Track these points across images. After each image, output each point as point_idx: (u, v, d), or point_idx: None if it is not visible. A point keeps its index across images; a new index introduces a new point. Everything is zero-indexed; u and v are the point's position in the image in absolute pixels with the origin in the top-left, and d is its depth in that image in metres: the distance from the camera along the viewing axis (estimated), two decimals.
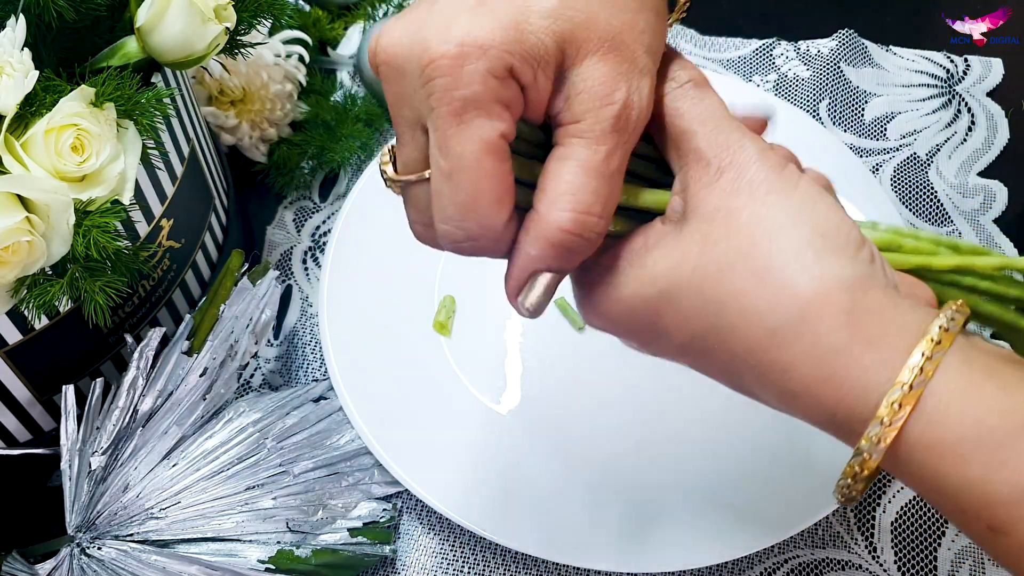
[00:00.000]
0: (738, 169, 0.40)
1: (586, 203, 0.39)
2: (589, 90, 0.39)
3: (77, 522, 0.58)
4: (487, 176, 0.39)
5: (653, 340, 0.43)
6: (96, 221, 0.50)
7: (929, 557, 0.65)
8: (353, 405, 0.67)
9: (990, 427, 0.35)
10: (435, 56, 0.37)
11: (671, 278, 0.40)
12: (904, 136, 0.85)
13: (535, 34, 0.38)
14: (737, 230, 0.39)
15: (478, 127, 0.38)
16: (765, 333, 0.38)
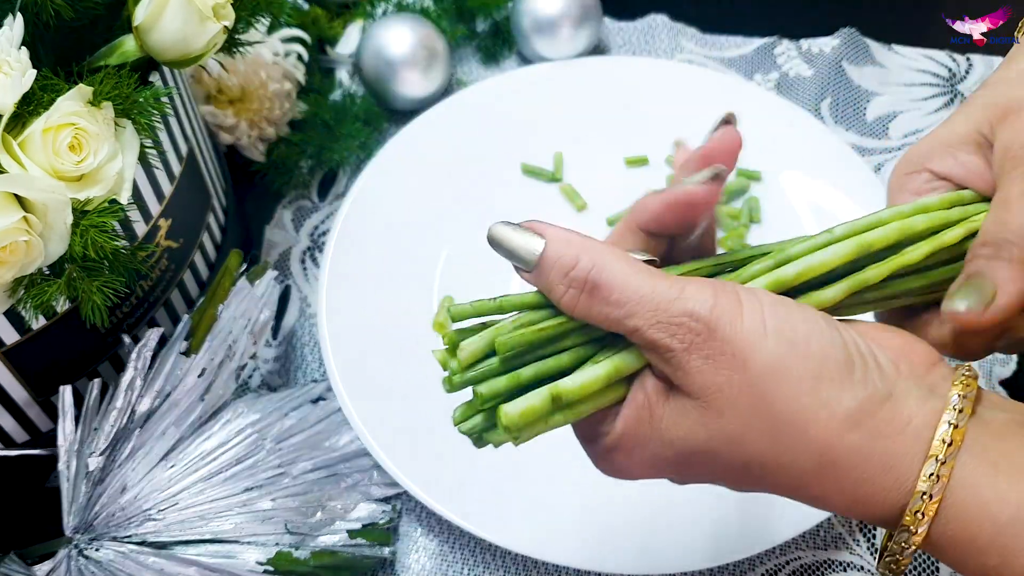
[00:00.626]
0: (702, 344, 0.38)
1: None
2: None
3: (75, 523, 0.57)
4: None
5: (682, 480, 0.44)
6: (94, 221, 0.50)
7: (930, 559, 0.65)
8: (352, 406, 0.66)
9: (1007, 518, 0.37)
10: None
11: (685, 444, 0.41)
12: (906, 135, 0.85)
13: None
14: (732, 403, 0.39)
15: None
16: (791, 480, 0.40)
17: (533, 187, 0.80)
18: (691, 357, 0.39)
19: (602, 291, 0.39)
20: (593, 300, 0.40)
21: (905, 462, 0.38)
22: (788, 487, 0.41)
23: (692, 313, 0.38)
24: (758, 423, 0.39)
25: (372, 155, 0.81)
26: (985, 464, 0.38)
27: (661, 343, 0.39)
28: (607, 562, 0.62)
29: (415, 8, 0.88)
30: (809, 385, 0.38)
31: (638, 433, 0.41)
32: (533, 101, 0.84)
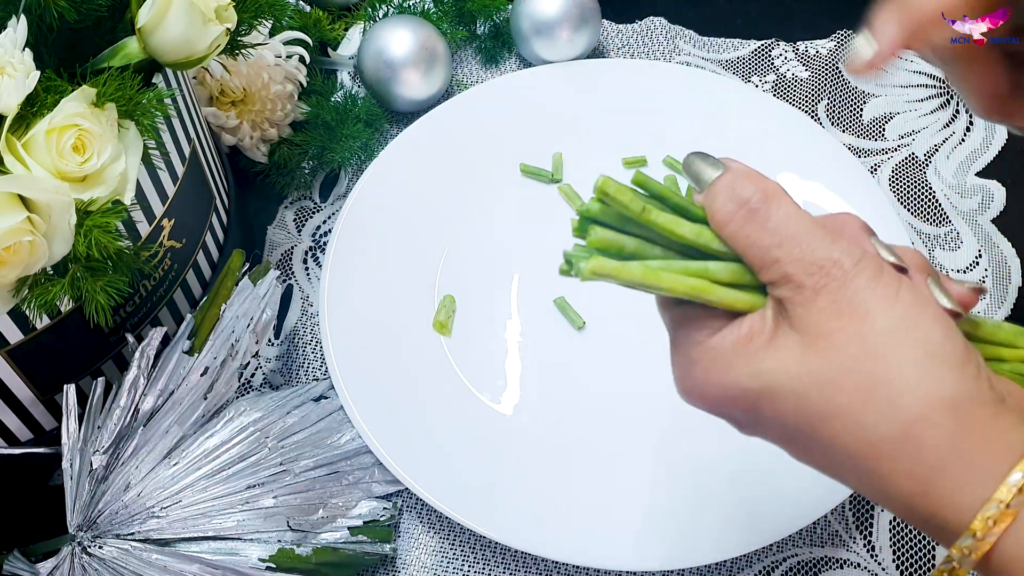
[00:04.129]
0: (834, 290, 0.40)
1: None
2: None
3: (78, 521, 0.58)
4: None
5: (746, 425, 0.43)
6: (97, 221, 0.51)
7: (927, 556, 0.65)
8: (353, 404, 0.67)
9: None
10: None
11: (774, 378, 0.40)
12: (902, 136, 0.85)
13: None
14: (840, 349, 0.39)
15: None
16: (867, 445, 0.39)
17: (533, 187, 0.81)
18: (818, 298, 0.39)
19: (760, 216, 0.41)
20: (750, 221, 0.41)
21: (991, 467, 0.37)
22: (859, 454, 0.39)
23: (837, 260, 0.40)
24: (856, 375, 0.39)
25: (373, 156, 0.82)
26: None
27: (795, 278, 0.40)
28: (606, 558, 0.62)
29: (416, 10, 0.89)
30: (919, 357, 0.38)
31: (730, 355, 0.41)
32: (533, 103, 0.84)
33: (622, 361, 0.72)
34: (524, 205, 0.80)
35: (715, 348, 0.42)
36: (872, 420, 0.38)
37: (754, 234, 0.41)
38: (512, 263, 0.76)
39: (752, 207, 0.41)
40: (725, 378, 0.41)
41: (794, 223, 0.41)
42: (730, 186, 0.42)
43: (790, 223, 0.41)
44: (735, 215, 0.41)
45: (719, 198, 0.42)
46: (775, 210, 0.41)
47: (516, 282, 0.76)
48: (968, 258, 0.78)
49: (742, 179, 0.42)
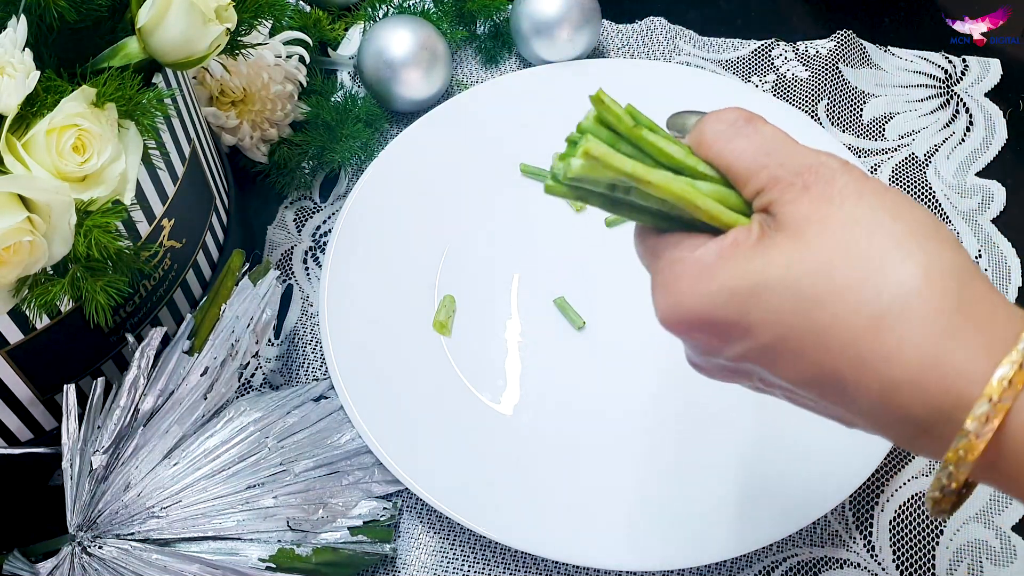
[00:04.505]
0: (825, 182, 0.40)
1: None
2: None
3: (78, 521, 0.58)
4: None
5: (733, 339, 0.41)
6: (97, 221, 0.51)
7: (927, 555, 0.65)
8: (353, 404, 0.67)
9: None
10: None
11: (764, 274, 0.40)
12: (902, 136, 0.85)
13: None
14: (833, 230, 0.39)
15: None
16: (869, 321, 0.37)
17: (533, 188, 0.81)
18: (808, 192, 0.40)
19: (748, 130, 0.43)
20: (738, 135, 0.43)
21: (1002, 329, 0.36)
22: (859, 334, 0.37)
23: (824, 162, 0.41)
24: (852, 253, 0.38)
25: (373, 156, 0.82)
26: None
27: (784, 179, 0.41)
28: (606, 558, 0.62)
29: (416, 10, 0.89)
30: (915, 231, 0.38)
31: (716, 262, 0.41)
32: (533, 103, 0.84)
33: (622, 361, 0.72)
34: (524, 205, 0.80)
35: (700, 259, 0.42)
36: (872, 294, 0.37)
37: (741, 145, 0.42)
38: (512, 263, 0.76)
39: (739, 125, 0.43)
40: (712, 284, 0.41)
41: (780, 137, 0.42)
42: (716, 114, 0.44)
43: (776, 136, 0.42)
44: (723, 133, 0.43)
45: (708, 122, 0.44)
46: (760, 126, 0.43)
47: (516, 282, 0.76)
48: None
49: (726, 109, 0.44)
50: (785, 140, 0.42)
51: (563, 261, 0.76)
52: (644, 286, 0.74)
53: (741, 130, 0.43)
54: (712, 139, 0.43)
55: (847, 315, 0.38)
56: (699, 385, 0.70)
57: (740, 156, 0.42)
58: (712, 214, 0.43)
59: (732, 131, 0.43)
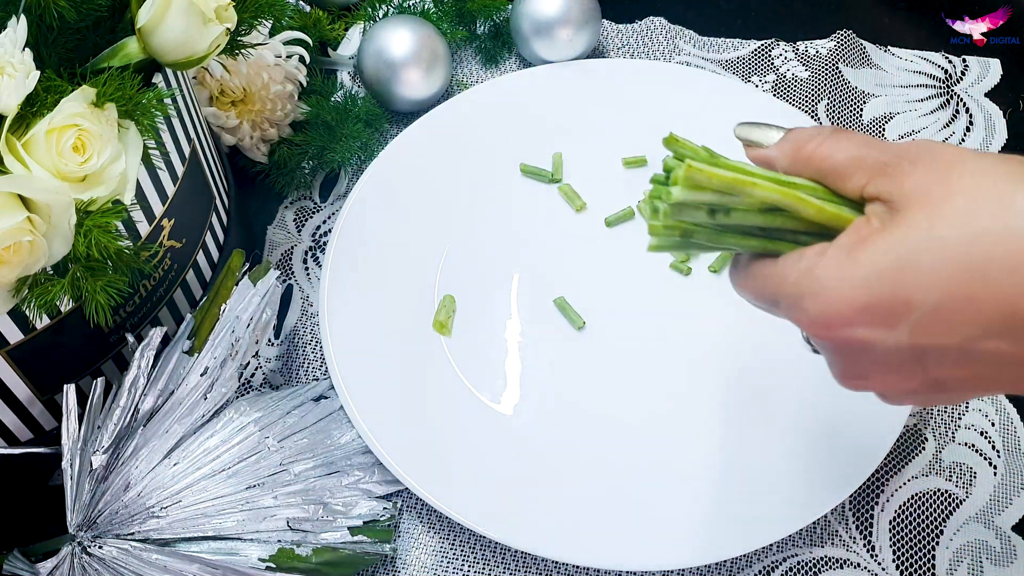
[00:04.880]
0: (929, 155, 0.41)
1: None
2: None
3: (78, 521, 0.58)
4: None
5: (897, 318, 0.40)
6: (97, 221, 0.51)
7: (927, 555, 0.65)
8: (353, 404, 0.67)
9: None
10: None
11: (905, 243, 0.40)
12: (902, 136, 0.85)
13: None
14: (958, 185, 0.39)
15: None
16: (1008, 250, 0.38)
17: (533, 188, 0.81)
18: (914, 170, 0.41)
19: (839, 131, 0.44)
20: (838, 138, 0.43)
21: None
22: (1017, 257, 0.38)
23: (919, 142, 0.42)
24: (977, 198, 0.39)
25: (373, 156, 0.82)
26: None
27: (890, 162, 0.42)
28: (606, 558, 0.62)
29: (416, 10, 0.89)
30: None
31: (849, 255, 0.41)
32: (533, 103, 0.84)
33: (622, 361, 0.72)
34: (524, 205, 0.80)
35: (833, 257, 0.42)
36: (1020, 220, 0.38)
37: (838, 145, 0.43)
38: (512, 263, 0.76)
39: (826, 132, 0.44)
40: (857, 271, 0.41)
41: (868, 136, 0.44)
42: (800, 129, 0.45)
43: (866, 137, 0.44)
44: (813, 139, 0.44)
45: (801, 134, 0.45)
46: (850, 131, 0.44)
47: (516, 282, 0.76)
48: None
49: (805, 127, 0.45)
50: (875, 138, 0.44)
51: (563, 261, 0.76)
52: (644, 286, 0.75)
53: (832, 135, 0.44)
54: (805, 146, 0.44)
55: (1004, 246, 0.38)
56: (699, 385, 0.71)
57: (838, 154, 0.43)
58: (821, 209, 0.43)
59: (822, 137, 0.44)
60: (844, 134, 0.44)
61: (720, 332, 0.72)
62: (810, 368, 0.71)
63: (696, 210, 0.44)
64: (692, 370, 0.71)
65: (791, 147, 0.45)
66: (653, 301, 0.74)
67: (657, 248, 0.46)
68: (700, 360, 0.71)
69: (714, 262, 0.75)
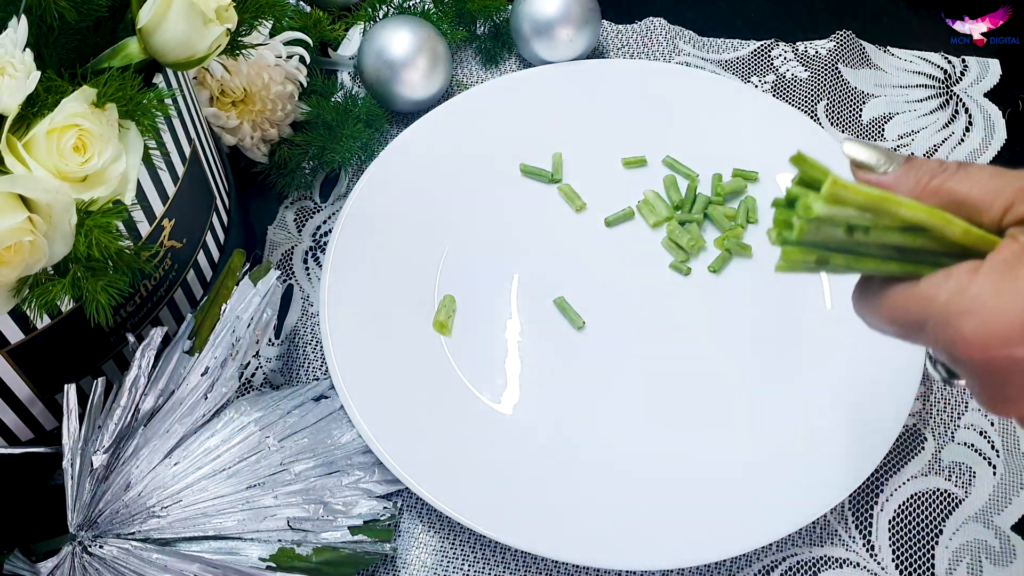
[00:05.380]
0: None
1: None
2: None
3: (79, 520, 0.58)
4: None
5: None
6: (98, 221, 0.51)
7: (927, 555, 0.65)
8: (353, 404, 0.67)
9: None
10: None
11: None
12: (902, 136, 0.85)
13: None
14: None
15: None
16: None
17: (532, 188, 0.81)
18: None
19: (969, 168, 0.43)
20: (968, 171, 0.43)
21: None
22: None
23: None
24: None
25: (373, 156, 0.82)
26: None
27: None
28: (606, 558, 0.62)
29: (416, 10, 0.89)
30: None
31: (1004, 273, 0.40)
32: (533, 103, 0.84)
33: (622, 361, 0.72)
34: (524, 205, 0.80)
35: (989, 272, 0.41)
36: None
37: (971, 177, 0.43)
38: (512, 263, 0.77)
39: (951, 167, 0.44)
40: (1019, 288, 0.40)
41: (998, 168, 0.43)
42: (922, 161, 0.44)
43: (995, 168, 0.43)
44: (940, 174, 0.43)
45: (924, 166, 0.44)
46: (974, 165, 0.44)
47: (516, 282, 0.76)
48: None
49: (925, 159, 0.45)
50: (1003, 170, 0.43)
51: (563, 261, 0.76)
52: (644, 286, 0.75)
53: (959, 168, 0.43)
54: (933, 178, 0.44)
55: None
56: (699, 385, 0.71)
57: (973, 186, 0.42)
58: (969, 230, 0.42)
59: (951, 171, 0.43)
60: (972, 167, 0.43)
61: (720, 332, 0.73)
62: (809, 369, 0.71)
63: (834, 227, 0.42)
64: (691, 370, 0.71)
65: (915, 178, 0.44)
66: (653, 301, 0.74)
67: (786, 269, 0.44)
68: (699, 360, 0.72)
69: (713, 262, 0.75)
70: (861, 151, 0.46)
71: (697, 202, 0.79)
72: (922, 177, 0.44)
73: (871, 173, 0.45)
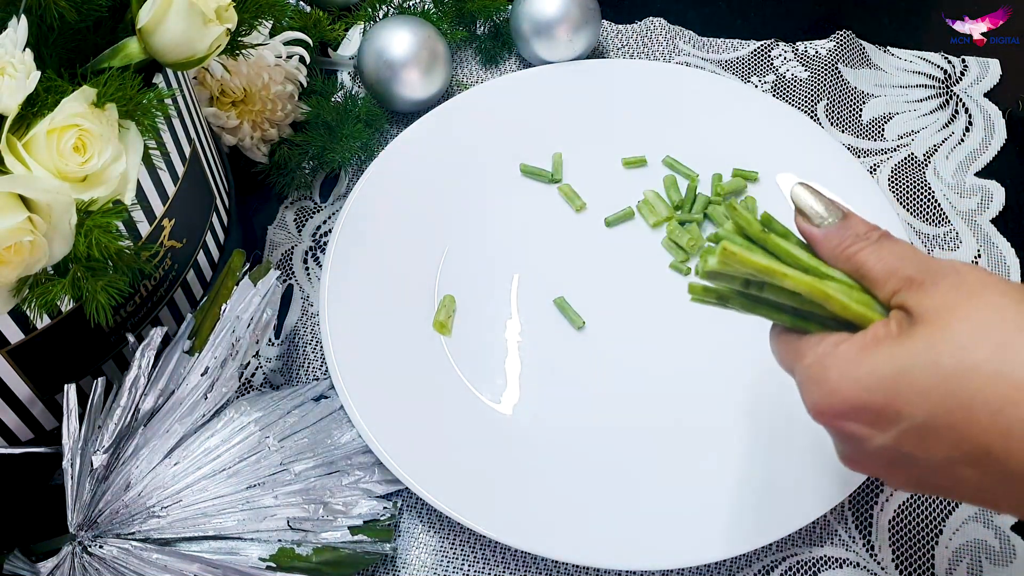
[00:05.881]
0: (956, 277, 0.44)
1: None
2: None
3: (79, 520, 0.58)
4: None
5: (885, 422, 0.44)
6: (98, 221, 0.51)
7: (927, 555, 0.65)
8: (353, 404, 0.67)
9: None
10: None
11: (908, 358, 0.43)
12: (901, 136, 0.86)
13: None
14: (967, 313, 0.43)
15: None
16: (1010, 391, 0.41)
17: (532, 188, 0.81)
18: (940, 283, 0.44)
19: (887, 243, 0.47)
20: (877, 248, 0.47)
21: None
22: (1005, 402, 0.40)
23: (951, 264, 0.45)
24: (981, 333, 0.42)
25: (373, 156, 0.82)
26: None
27: (917, 277, 0.45)
28: (606, 558, 0.62)
29: (416, 10, 0.89)
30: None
31: (860, 353, 0.45)
32: (532, 103, 0.84)
33: (622, 361, 0.72)
34: (524, 205, 0.80)
35: (845, 352, 0.45)
36: (1010, 367, 0.41)
37: (878, 253, 0.47)
38: (512, 263, 0.77)
39: (874, 238, 0.47)
40: (860, 371, 0.44)
41: (911, 248, 0.47)
42: (853, 223, 0.48)
43: (907, 247, 0.47)
44: (866, 246, 0.47)
45: (850, 232, 0.48)
46: (893, 240, 0.48)
47: (516, 282, 0.76)
48: (967, 258, 0.78)
49: (864, 220, 0.49)
50: (916, 250, 0.47)
51: (563, 261, 0.76)
52: (644, 286, 0.75)
53: (876, 242, 0.47)
54: (850, 246, 0.47)
55: (989, 387, 0.41)
56: (699, 385, 0.71)
57: (876, 262, 0.46)
58: (844, 305, 0.47)
59: (867, 242, 0.47)
60: (887, 245, 0.47)
61: (720, 332, 0.72)
62: None
63: (732, 280, 0.49)
64: (692, 370, 0.71)
65: (838, 240, 0.48)
66: (653, 301, 0.74)
67: (695, 301, 0.52)
68: (700, 360, 0.72)
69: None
70: (806, 199, 0.50)
71: (697, 202, 0.79)
72: (844, 241, 0.48)
73: (808, 224, 0.49)
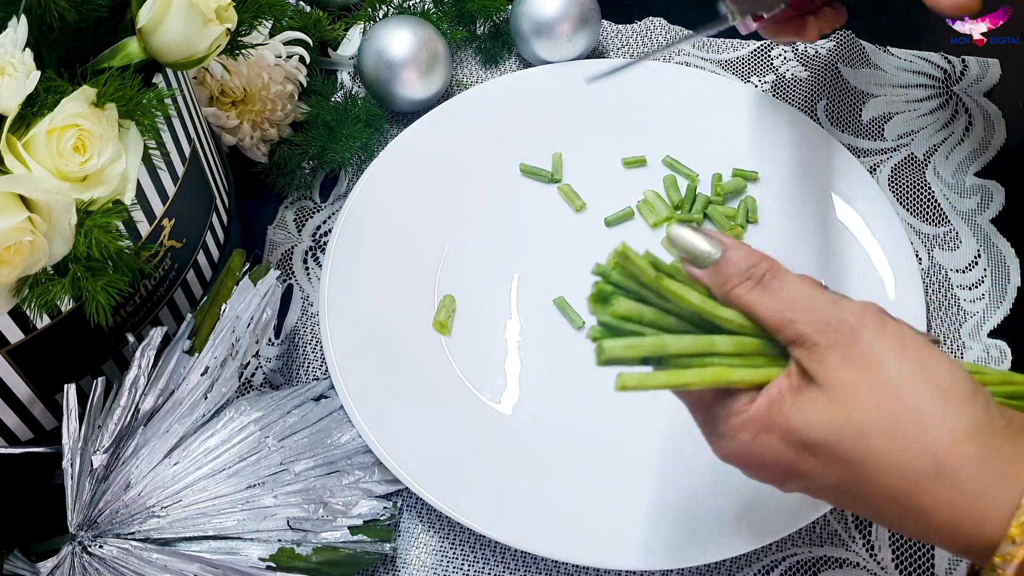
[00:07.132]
0: (848, 341, 0.44)
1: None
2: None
3: (79, 520, 0.58)
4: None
5: (790, 479, 0.46)
6: (98, 221, 0.51)
7: (926, 555, 0.65)
8: (353, 404, 0.67)
9: None
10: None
11: (809, 434, 0.44)
12: (901, 136, 0.85)
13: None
14: (860, 399, 0.43)
15: None
16: (905, 483, 0.42)
17: (532, 188, 0.81)
18: (832, 353, 0.44)
19: (774, 285, 0.46)
20: (764, 291, 0.46)
21: (1017, 481, 0.41)
22: (899, 493, 0.43)
23: (843, 319, 0.44)
24: (881, 419, 0.42)
25: (373, 156, 0.82)
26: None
27: (810, 338, 0.44)
28: (606, 558, 0.62)
29: (416, 10, 0.89)
30: (935, 395, 0.42)
31: (768, 416, 0.45)
32: (532, 103, 0.84)
33: None
34: (524, 205, 0.80)
35: (755, 415, 0.46)
36: (905, 459, 0.42)
37: (767, 301, 0.46)
38: (512, 263, 0.77)
39: (764, 279, 0.46)
40: (769, 437, 0.45)
41: (800, 289, 0.46)
42: (731, 260, 0.46)
43: (796, 289, 0.46)
44: (751, 289, 0.46)
45: (731, 271, 0.46)
46: (783, 279, 0.46)
47: (516, 282, 0.76)
48: (967, 258, 0.78)
49: (745, 254, 0.46)
50: (807, 294, 0.46)
51: (563, 261, 0.76)
52: None
53: (767, 285, 0.46)
54: (737, 291, 0.46)
55: (884, 477, 0.43)
56: None
57: (766, 312, 0.46)
58: (747, 382, 0.46)
59: (750, 284, 0.46)
60: (774, 286, 0.46)
61: None
62: None
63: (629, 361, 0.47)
64: None
65: (721, 281, 0.47)
66: None
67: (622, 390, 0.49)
68: None
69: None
70: (686, 239, 0.47)
71: (697, 202, 0.79)
72: (728, 281, 0.46)
73: (693, 269, 0.48)
